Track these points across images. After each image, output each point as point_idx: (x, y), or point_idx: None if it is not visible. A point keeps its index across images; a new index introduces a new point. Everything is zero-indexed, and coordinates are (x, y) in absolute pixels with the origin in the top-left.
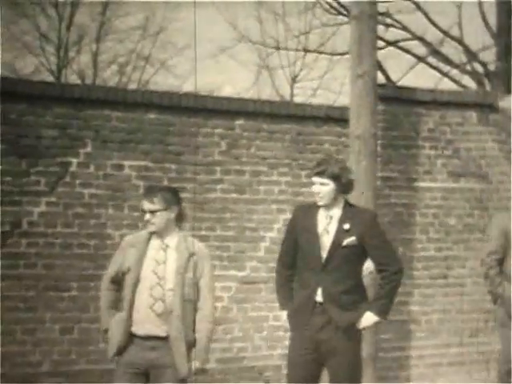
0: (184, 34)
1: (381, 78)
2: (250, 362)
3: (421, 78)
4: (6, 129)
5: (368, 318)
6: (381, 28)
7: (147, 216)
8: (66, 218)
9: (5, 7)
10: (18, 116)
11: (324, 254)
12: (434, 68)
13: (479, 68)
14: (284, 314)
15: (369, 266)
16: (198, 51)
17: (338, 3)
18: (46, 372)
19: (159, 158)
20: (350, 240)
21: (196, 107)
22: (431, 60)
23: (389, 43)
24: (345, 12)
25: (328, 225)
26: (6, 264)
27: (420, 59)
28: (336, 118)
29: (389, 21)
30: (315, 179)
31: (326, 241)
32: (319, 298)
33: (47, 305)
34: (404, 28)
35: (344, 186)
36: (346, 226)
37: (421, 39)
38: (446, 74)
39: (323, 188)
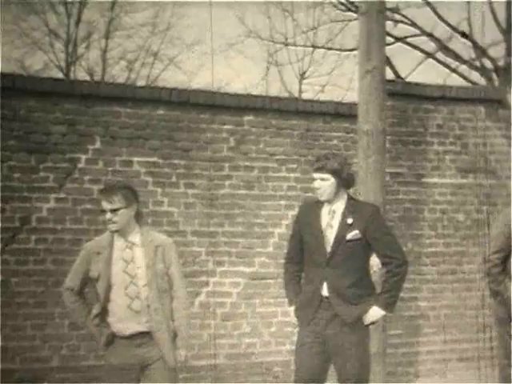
0: (193, 30)
1: (389, 74)
2: (259, 358)
3: (429, 74)
4: (15, 125)
5: (374, 313)
6: (389, 24)
7: (108, 215)
8: (74, 213)
9: (14, 4)
10: (28, 112)
11: (328, 249)
12: (443, 64)
13: (488, 64)
14: (292, 310)
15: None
16: (207, 47)
17: None
18: (55, 367)
19: (168, 154)
20: (353, 234)
21: (205, 103)
22: (440, 56)
23: (397, 39)
24: (353, 8)
25: (331, 219)
26: (15, 260)
27: (429, 55)
28: (344, 113)
29: (397, 17)
30: (315, 175)
31: (330, 235)
32: (325, 292)
33: (56, 300)
34: (413, 24)
35: (345, 180)
36: (349, 220)
37: (429, 35)
38: (454, 70)
39: (324, 183)
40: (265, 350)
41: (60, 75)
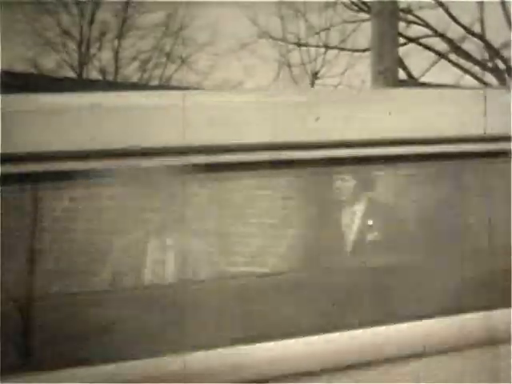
0: (205, 30)
1: (402, 75)
2: None
3: (442, 75)
4: None
5: None
6: (402, 24)
7: None
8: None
9: (28, 4)
10: None
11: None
12: (456, 65)
13: (501, 65)
14: None
15: None
16: (219, 47)
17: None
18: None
19: None
20: (373, 235)
21: None
22: (453, 57)
23: (410, 40)
24: (366, 8)
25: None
26: None
27: (441, 56)
28: None
29: (410, 17)
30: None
31: (349, 236)
32: None
33: None
34: (425, 24)
35: (366, 181)
36: (370, 222)
37: (442, 36)
38: (467, 71)
39: (344, 184)
40: None
41: (73, 75)
